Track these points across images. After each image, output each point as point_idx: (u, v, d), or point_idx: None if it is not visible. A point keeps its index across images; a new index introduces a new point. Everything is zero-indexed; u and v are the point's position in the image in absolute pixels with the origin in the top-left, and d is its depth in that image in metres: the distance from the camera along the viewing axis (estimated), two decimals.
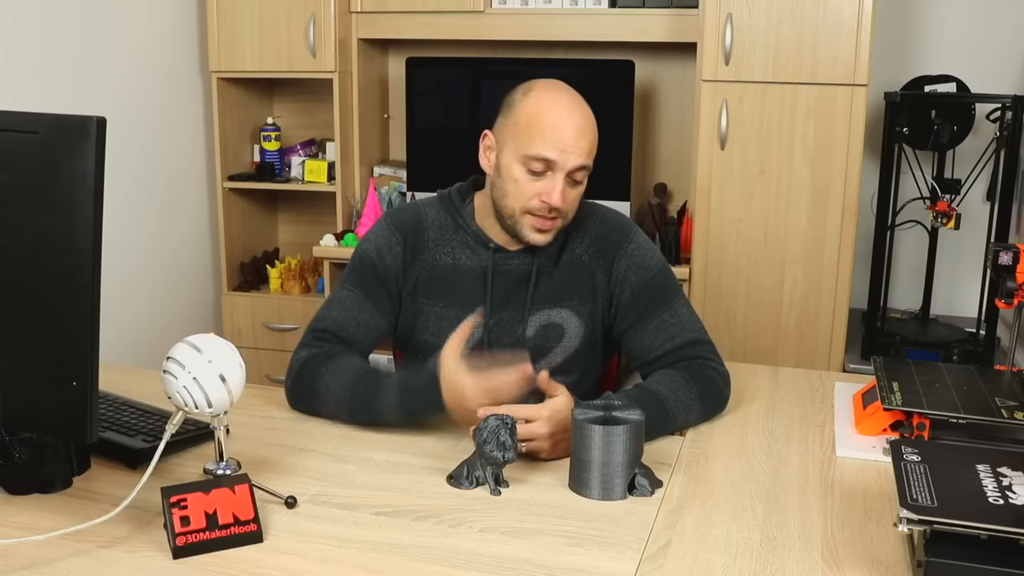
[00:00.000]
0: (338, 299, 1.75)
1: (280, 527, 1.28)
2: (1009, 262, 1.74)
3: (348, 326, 1.73)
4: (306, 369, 1.67)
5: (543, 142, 1.61)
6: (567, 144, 1.60)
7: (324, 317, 1.75)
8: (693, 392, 1.63)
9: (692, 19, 2.90)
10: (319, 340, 1.71)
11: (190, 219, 3.40)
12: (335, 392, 1.62)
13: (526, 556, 1.22)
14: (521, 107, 1.65)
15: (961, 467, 1.25)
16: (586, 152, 1.63)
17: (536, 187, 1.63)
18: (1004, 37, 3.02)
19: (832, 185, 2.76)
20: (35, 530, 1.24)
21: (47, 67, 2.71)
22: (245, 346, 3.33)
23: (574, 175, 1.64)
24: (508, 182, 1.66)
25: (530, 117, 1.63)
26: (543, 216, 1.65)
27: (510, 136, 1.65)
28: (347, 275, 1.78)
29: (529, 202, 1.64)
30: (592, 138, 1.65)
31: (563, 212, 1.66)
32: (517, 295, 1.74)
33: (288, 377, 1.71)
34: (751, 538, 1.27)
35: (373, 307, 1.75)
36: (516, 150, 1.64)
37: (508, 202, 1.67)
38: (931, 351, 2.76)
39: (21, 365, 1.26)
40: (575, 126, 1.61)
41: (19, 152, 1.22)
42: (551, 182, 1.62)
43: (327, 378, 1.63)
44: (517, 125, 1.64)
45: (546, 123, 1.61)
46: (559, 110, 1.62)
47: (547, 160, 1.61)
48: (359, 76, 3.28)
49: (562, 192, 1.62)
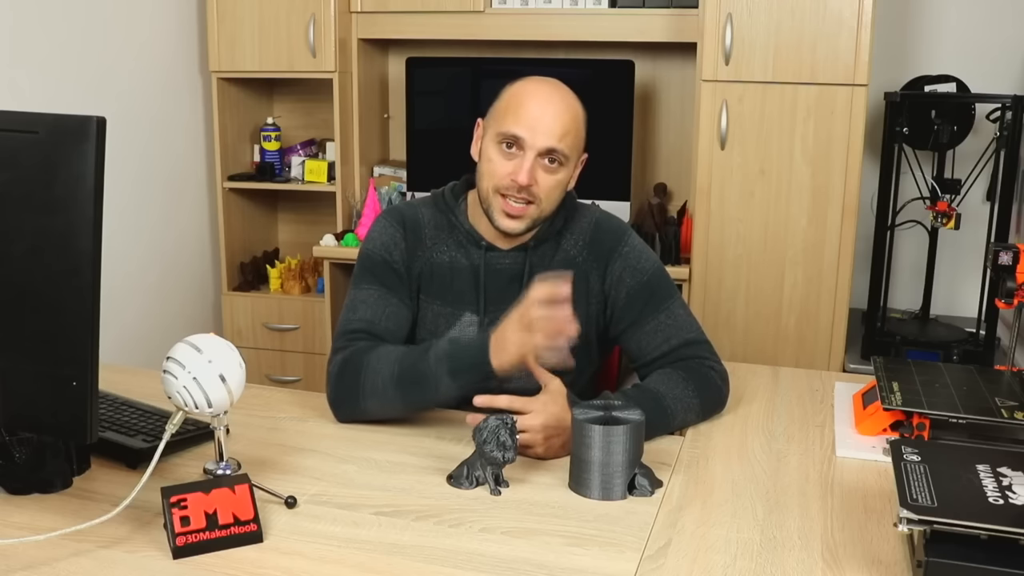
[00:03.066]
0: (359, 299, 1.72)
1: (280, 527, 1.28)
2: (1009, 262, 1.74)
3: (379, 321, 1.69)
4: (348, 367, 1.62)
5: (515, 119, 1.63)
6: (537, 123, 1.62)
7: (351, 320, 1.70)
8: (691, 390, 1.63)
9: (692, 19, 2.90)
10: (353, 342, 1.67)
11: (190, 219, 3.40)
12: (382, 374, 1.58)
13: (526, 556, 1.22)
14: (505, 94, 1.69)
15: (961, 467, 1.25)
16: (557, 136, 1.62)
17: (508, 167, 1.64)
18: (1004, 37, 3.02)
19: (832, 185, 2.76)
20: (35, 530, 1.24)
21: (47, 67, 2.71)
22: (245, 346, 3.33)
23: (547, 158, 1.63)
24: (484, 162, 1.68)
25: (510, 100, 1.66)
26: (513, 197, 1.64)
27: (491, 121, 1.69)
28: (360, 276, 1.75)
29: (500, 181, 1.65)
30: (568, 125, 1.64)
31: (535, 196, 1.64)
32: (510, 294, 1.73)
33: (329, 383, 1.65)
34: (751, 538, 1.27)
35: (397, 300, 1.72)
36: (494, 130, 1.66)
37: (483, 183, 1.68)
38: (931, 351, 2.76)
39: (21, 365, 1.26)
40: (550, 110, 1.63)
41: (19, 152, 1.22)
42: (521, 161, 1.63)
43: (372, 364, 1.59)
44: (498, 108, 1.68)
45: (521, 104, 1.64)
46: (538, 94, 1.65)
47: (516, 136, 1.62)
48: (359, 76, 3.28)
49: (530, 171, 1.62)
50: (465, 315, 1.74)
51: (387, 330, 1.69)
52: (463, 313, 1.74)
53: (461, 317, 1.74)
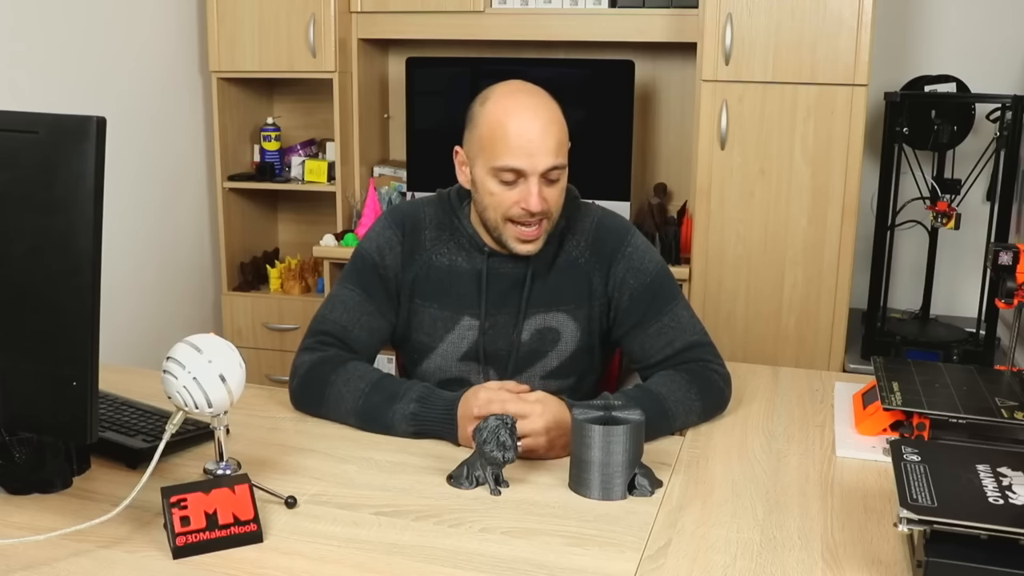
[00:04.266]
0: (340, 299, 1.75)
1: (280, 527, 1.28)
2: (1009, 262, 1.74)
3: (351, 328, 1.72)
4: (313, 374, 1.66)
5: (508, 152, 1.58)
6: (533, 148, 1.58)
7: (326, 318, 1.74)
8: (693, 393, 1.63)
9: (692, 19, 2.90)
10: (323, 344, 1.70)
11: (190, 219, 3.40)
12: (346, 401, 1.61)
13: (526, 556, 1.22)
14: (482, 119, 1.62)
15: (961, 467, 1.25)
16: (554, 151, 1.59)
17: (513, 196, 1.61)
18: (1004, 37, 3.02)
19: (832, 185, 2.76)
20: (35, 530, 1.24)
21: (47, 67, 2.71)
22: (245, 346, 3.33)
23: (548, 175, 1.61)
24: (485, 195, 1.64)
25: (492, 128, 1.60)
26: (526, 223, 1.63)
27: (478, 150, 1.63)
28: (348, 274, 1.77)
29: (509, 211, 1.62)
30: (559, 135, 1.61)
31: (546, 213, 1.64)
32: (512, 298, 1.74)
33: (292, 379, 1.70)
34: (751, 538, 1.27)
35: (375, 308, 1.74)
36: (485, 163, 1.62)
37: (490, 214, 1.65)
38: (931, 351, 2.76)
39: (21, 365, 1.26)
40: (539, 128, 1.58)
41: (19, 152, 1.22)
42: (526, 188, 1.60)
43: (337, 385, 1.63)
44: (482, 139, 1.62)
45: (509, 131, 1.58)
46: (519, 115, 1.59)
47: (516, 170, 1.59)
48: (359, 76, 3.28)
49: (539, 195, 1.60)
50: (465, 319, 1.74)
51: (358, 339, 1.72)
52: (462, 317, 1.74)
53: (460, 321, 1.74)
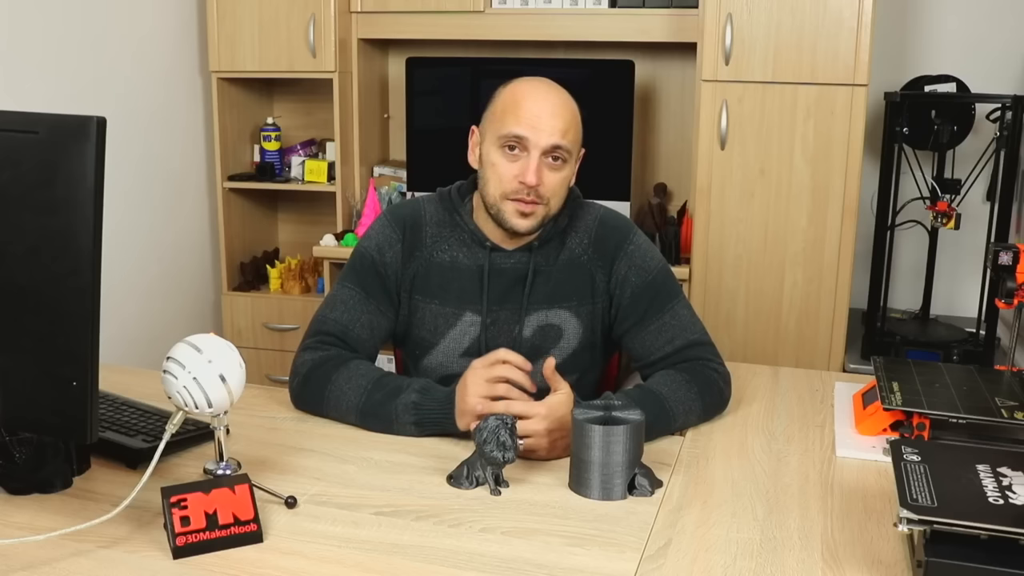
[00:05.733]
0: (340, 298, 1.75)
1: (280, 527, 1.28)
2: (1009, 262, 1.74)
3: (352, 328, 1.73)
4: (315, 373, 1.66)
5: (515, 120, 1.63)
6: (538, 121, 1.62)
7: (326, 318, 1.74)
8: (694, 393, 1.63)
9: (692, 19, 2.90)
10: (323, 344, 1.71)
11: (190, 219, 3.40)
12: (347, 399, 1.62)
13: (526, 556, 1.22)
14: (500, 97, 1.69)
15: (961, 467, 1.25)
16: (560, 132, 1.63)
17: (513, 169, 1.64)
18: (1004, 37, 3.02)
19: (832, 185, 2.76)
20: (35, 530, 1.24)
21: (47, 67, 2.71)
22: (245, 346, 3.33)
23: (551, 156, 1.64)
24: (488, 168, 1.67)
25: (506, 103, 1.66)
26: (523, 199, 1.65)
27: (489, 125, 1.68)
28: (348, 272, 1.78)
29: (508, 185, 1.65)
30: (569, 121, 1.65)
31: (543, 195, 1.65)
32: (514, 295, 1.74)
33: (293, 378, 1.70)
34: (751, 538, 1.27)
35: (375, 307, 1.75)
36: (494, 134, 1.66)
37: (490, 189, 1.68)
38: (931, 351, 2.76)
39: (21, 365, 1.26)
40: (548, 106, 1.64)
41: (19, 152, 1.22)
42: (526, 161, 1.63)
43: (339, 383, 1.63)
44: (495, 112, 1.68)
45: (521, 104, 1.64)
46: (534, 92, 1.66)
47: (519, 137, 1.62)
48: (359, 76, 3.28)
49: (537, 171, 1.62)
50: (467, 315, 1.74)
51: (358, 338, 1.73)
52: (464, 313, 1.74)
53: (462, 317, 1.74)
